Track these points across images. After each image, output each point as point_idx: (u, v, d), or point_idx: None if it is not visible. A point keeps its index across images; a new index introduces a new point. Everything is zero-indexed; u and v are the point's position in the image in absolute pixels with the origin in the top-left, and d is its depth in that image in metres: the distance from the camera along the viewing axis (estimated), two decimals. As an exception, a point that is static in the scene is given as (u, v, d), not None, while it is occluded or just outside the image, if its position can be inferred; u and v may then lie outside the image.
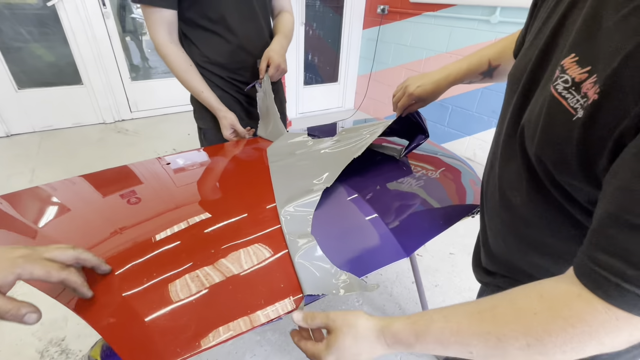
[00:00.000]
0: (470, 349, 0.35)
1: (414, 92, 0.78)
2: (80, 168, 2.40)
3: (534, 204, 0.43)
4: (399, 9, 3.03)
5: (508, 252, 0.53)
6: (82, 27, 2.71)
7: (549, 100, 0.36)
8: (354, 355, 0.42)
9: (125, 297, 0.47)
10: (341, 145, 0.89)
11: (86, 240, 0.58)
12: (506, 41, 0.68)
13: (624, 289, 0.28)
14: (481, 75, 0.73)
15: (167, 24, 0.94)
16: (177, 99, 3.48)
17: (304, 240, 0.60)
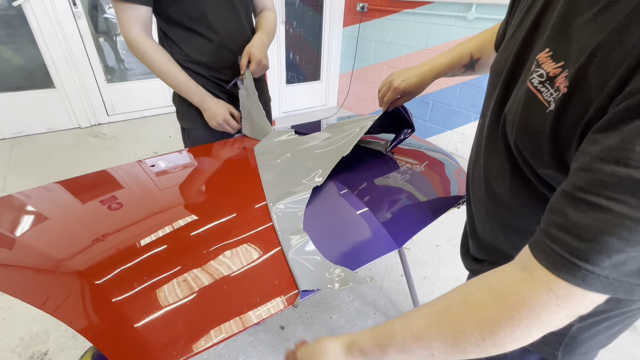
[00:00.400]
0: (432, 351, 0.36)
1: (399, 86, 0.80)
2: (56, 175, 2.30)
3: (517, 193, 0.44)
4: (378, 7, 3.06)
5: (494, 239, 0.54)
6: (52, 28, 2.60)
7: (525, 93, 0.37)
8: None
9: (115, 303, 0.46)
10: (330, 143, 0.90)
11: (73, 246, 0.56)
12: (487, 34, 0.70)
13: (569, 261, 0.29)
14: (463, 68, 0.75)
15: (142, 20, 0.90)
16: (156, 101, 3.39)
17: (296, 236, 0.60)
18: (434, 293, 1.58)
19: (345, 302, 1.51)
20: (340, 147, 0.84)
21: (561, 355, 0.51)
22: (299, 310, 1.45)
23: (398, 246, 0.66)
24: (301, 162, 0.84)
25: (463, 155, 2.85)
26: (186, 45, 0.99)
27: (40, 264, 0.55)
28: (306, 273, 0.55)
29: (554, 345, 0.51)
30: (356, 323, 1.41)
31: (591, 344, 0.50)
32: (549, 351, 0.51)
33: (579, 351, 0.51)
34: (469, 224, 0.62)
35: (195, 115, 1.09)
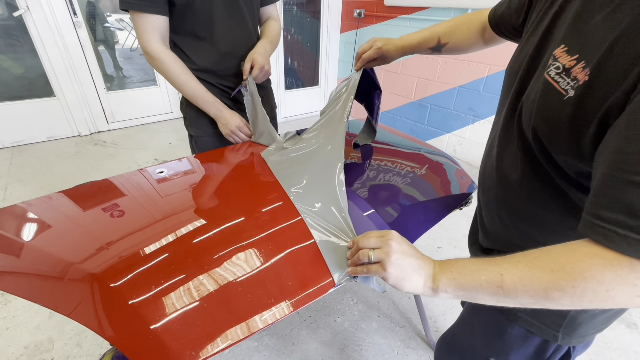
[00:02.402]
0: (521, 300, 0.40)
1: (382, 47, 0.84)
2: (56, 183, 2.31)
3: (528, 179, 0.48)
4: (374, 13, 3.10)
5: (502, 227, 0.57)
6: (52, 37, 2.62)
7: (543, 84, 0.42)
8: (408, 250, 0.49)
9: (133, 305, 0.47)
10: (329, 126, 0.90)
11: (88, 249, 0.57)
12: (457, 21, 0.76)
13: (629, 238, 0.32)
14: (430, 50, 0.81)
15: (160, 31, 0.92)
16: (156, 108, 3.41)
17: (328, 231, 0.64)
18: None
19: (349, 305, 1.51)
20: (337, 124, 0.86)
21: (562, 336, 0.54)
22: (303, 314, 1.46)
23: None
24: (316, 162, 0.85)
25: (461, 158, 2.87)
26: (193, 53, 1.02)
27: (55, 268, 0.56)
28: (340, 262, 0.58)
29: (555, 327, 0.54)
30: (360, 326, 1.42)
31: (589, 327, 0.54)
32: (551, 333, 0.55)
33: (578, 333, 0.54)
34: (479, 216, 0.65)
35: (203, 123, 1.11)
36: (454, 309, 1.52)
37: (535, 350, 0.58)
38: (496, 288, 0.40)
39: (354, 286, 1.61)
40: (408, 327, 1.42)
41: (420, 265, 0.47)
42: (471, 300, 0.44)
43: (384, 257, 0.48)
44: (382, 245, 0.49)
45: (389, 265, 0.47)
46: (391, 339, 1.36)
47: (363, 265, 0.51)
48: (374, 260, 0.49)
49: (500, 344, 0.62)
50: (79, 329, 1.34)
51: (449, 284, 0.44)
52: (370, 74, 0.97)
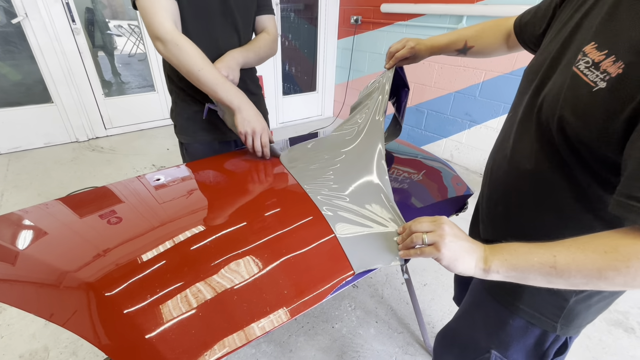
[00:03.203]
0: (572, 280, 0.43)
1: (415, 47, 0.88)
2: (53, 190, 2.30)
3: (541, 170, 0.52)
4: (371, 19, 3.14)
5: (503, 218, 0.61)
6: (51, 44, 2.63)
7: (571, 77, 0.45)
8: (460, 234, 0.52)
9: (128, 314, 0.47)
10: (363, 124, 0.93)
11: (82, 258, 0.57)
12: (484, 26, 0.80)
13: None
14: (456, 52, 0.85)
15: (171, 13, 0.85)
16: (154, 114, 3.42)
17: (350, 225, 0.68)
18: (435, 300, 1.58)
19: (347, 311, 1.51)
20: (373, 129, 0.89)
21: (560, 327, 0.58)
22: (300, 321, 1.45)
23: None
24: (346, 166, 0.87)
25: (458, 163, 2.89)
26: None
27: (49, 277, 0.55)
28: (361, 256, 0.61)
29: (554, 318, 0.57)
30: (358, 332, 1.41)
31: (584, 317, 0.58)
32: (550, 324, 0.58)
33: (575, 323, 0.58)
34: (482, 209, 0.69)
35: (194, 130, 1.09)
36: (451, 314, 1.51)
37: (535, 341, 0.61)
38: (549, 269, 0.43)
39: (351, 292, 1.61)
40: (406, 333, 1.42)
41: (472, 247, 0.50)
42: (520, 281, 0.47)
43: (438, 240, 0.51)
44: (435, 229, 0.52)
45: (443, 246, 0.50)
46: (389, 345, 1.36)
47: (415, 248, 0.55)
48: (428, 243, 0.52)
49: (502, 335, 0.65)
50: (75, 337, 1.32)
51: (501, 265, 0.47)
52: (399, 73, 0.99)
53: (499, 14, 2.21)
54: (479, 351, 0.70)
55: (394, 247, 0.64)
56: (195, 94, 1.05)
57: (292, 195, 0.81)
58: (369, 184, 0.80)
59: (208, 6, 0.94)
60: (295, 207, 0.75)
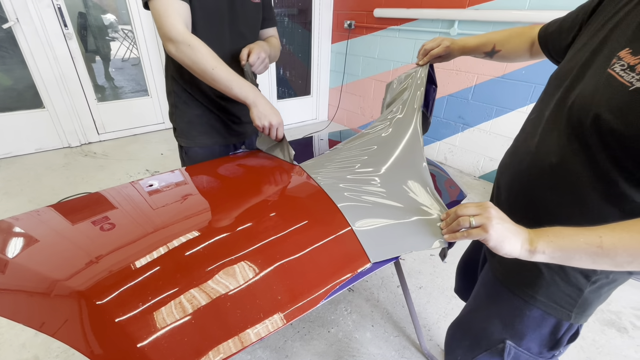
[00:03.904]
0: (618, 260, 0.47)
1: (450, 46, 0.92)
2: (45, 196, 2.27)
3: (566, 162, 0.55)
4: (365, 24, 3.16)
5: (527, 208, 0.63)
6: (43, 49, 2.61)
7: (605, 78, 0.49)
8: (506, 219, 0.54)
9: (119, 323, 0.46)
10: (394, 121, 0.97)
11: (73, 266, 0.56)
12: (512, 32, 0.84)
13: None
14: (484, 54, 0.90)
15: (183, 16, 0.87)
16: (147, 119, 3.40)
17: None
18: (430, 303, 1.59)
19: (342, 315, 1.50)
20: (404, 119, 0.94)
21: (574, 316, 0.62)
22: (296, 326, 1.44)
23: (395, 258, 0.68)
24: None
25: (452, 165, 2.91)
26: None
27: (39, 286, 0.55)
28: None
29: (569, 307, 0.61)
30: (354, 336, 1.41)
31: (594, 305, 0.62)
32: (565, 313, 0.62)
33: (587, 312, 0.62)
34: (501, 201, 0.71)
35: (194, 134, 1.10)
36: (447, 316, 1.52)
37: (551, 330, 0.65)
38: (595, 248, 0.46)
39: (347, 295, 1.60)
40: (402, 336, 1.42)
41: (517, 230, 0.53)
42: (564, 262, 0.50)
43: (486, 222, 0.53)
44: (482, 212, 0.55)
45: (490, 228, 0.52)
46: (385, 349, 1.36)
47: (462, 231, 0.58)
48: (475, 225, 0.55)
49: (517, 326, 0.68)
50: (66, 347, 1.30)
51: (547, 246, 0.50)
52: (431, 70, 1.02)
53: (489, 19, 2.25)
54: (492, 342, 0.72)
55: (435, 231, 0.68)
56: (199, 97, 1.06)
57: (294, 196, 0.81)
58: (409, 173, 0.85)
59: (218, 13, 0.97)
60: (294, 209, 0.75)
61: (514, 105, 2.35)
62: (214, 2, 0.95)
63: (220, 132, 1.13)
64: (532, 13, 2.07)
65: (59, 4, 2.58)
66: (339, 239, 0.68)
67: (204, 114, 1.09)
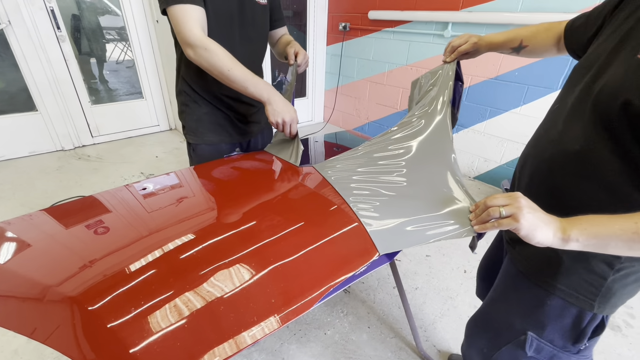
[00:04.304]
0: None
1: (478, 42, 0.93)
2: (38, 200, 2.24)
3: (590, 149, 0.56)
4: (359, 26, 3.18)
5: (548, 196, 0.63)
6: (35, 51, 2.58)
7: (636, 65, 0.50)
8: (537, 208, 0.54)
9: (112, 328, 0.46)
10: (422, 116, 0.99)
11: (64, 271, 0.56)
12: (539, 27, 0.84)
13: None
14: (510, 50, 0.90)
15: (200, 21, 0.91)
16: (142, 121, 3.38)
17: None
18: (426, 304, 1.59)
19: (339, 317, 1.50)
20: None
21: (597, 305, 0.60)
22: (292, 328, 1.44)
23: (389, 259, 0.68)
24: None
25: (448, 166, 2.92)
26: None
27: (31, 292, 0.54)
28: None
29: (592, 297, 0.60)
30: (351, 338, 1.41)
31: (620, 296, 0.61)
32: (587, 302, 0.61)
33: (612, 302, 0.61)
34: (519, 187, 0.72)
35: (202, 131, 1.14)
36: (443, 317, 1.52)
37: (573, 320, 0.64)
38: (632, 234, 0.47)
39: (343, 297, 1.60)
40: (398, 337, 1.42)
41: (549, 219, 0.53)
42: (599, 250, 0.50)
43: (516, 211, 0.53)
44: (512, 202, 0.55)
45: (521, 217, 0.52)
46: (382, 351, 1.36)
47: (492, 222, 0.58)
48: (505, 215, 0.55)
49: (538, 316, 0.67)
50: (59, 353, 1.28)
51: (581, 234, 0.50)
52: (458, 68, 1.03)
53: (482, 21, 2.27)
54: (514, 333, 0.72)
55: (464, 222, 0.69)
56: (207, 96, 1.11)
57: (292, 197, 0.81)
58: (439, 165, 0.86)
59: (229, 16, 1.01)
60: (291, 210, 0.75)
61: (507, 106, 2.37)
62: (225, 6, 0.99)
63: (227, 130, 1.17)
64: (524, 15, 2.09)
65: (52, 6, 2.57)
66: (345, 235, 0.69)
67: (212, 112, 1.14)
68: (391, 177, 0.85)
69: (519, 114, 2.32)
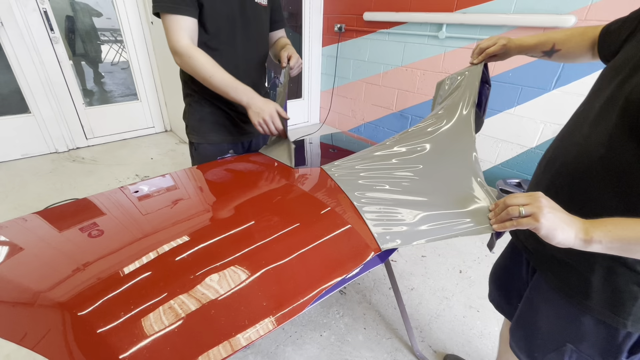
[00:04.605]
0: None
1: (507, 44, 0.90)
2: (31, 203, 2.22)
3: (616, 153, 0.55)
4: (354, 27, 3.18)
5: (570, 200, 0.61)
6: (28, 53, 2.56)
7: None
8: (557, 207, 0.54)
9: (101, 334, 0.45)
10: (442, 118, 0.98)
11: (54, 277, 0.55)
12: (573, 32, 0.83)
13: None
14: (542, 53, 0.88)
15: (189, 31, 0.96)
16: (137, 123, 3.36)
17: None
18: (422, 304, 1.60)
19: (335, 319, 1.50)
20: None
21: (631, 324, 0.60)
22: (288, 330, 1.44)
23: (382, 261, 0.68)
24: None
25: (443, 167, 2.93)
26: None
27: (21, 297, 0.53)
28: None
29: (624, 315, 0.60)
30: (347, 340, 1.40)
31: None
32: (620, 321, 0.60)
33: None
34: (538, 187, 0.71)
35: (204, 131, 1.16)
36: (439, 317, 1.53)
37: (607, 337, 0.63)
38: None
39: (339, 298, 1.60)
40: (394, 338, 1.42)
41: (570, 219, 0.52)
42: (622, 253, 0.50)
43: (536, 211, 0.53)
44: (532, 202, 0.55)
45: (541, 217, 0.52)
46: (378, 352, 1.36)
47: (511, 221, 0.58)
48: (525, 214, 0.55)
49: (574, 331, 0.67)
50: (53, 356, 1.27)
51: (605, 235, 0.49)
52: (485, 70, 1.01)
53: (476, 22, 2.28)
54: (556, 343, 0.72)
55: (481, 221, 0.69)
56: (209, 97, 1.13)
57: (286, 199, 0.81)
58: (459, 164, 0.86)
59: (231, 18, 1.04)
60: (287, 212, 0.75)
61: (501, 107, 2.38)
62: (227, 8, 1.02)
63: (229, 129, 1.19)
64: (517, 17, 2.11)
65: (45, 7, 2.55)
66: (338, 237, 0.69)
67: (215, 111, 1.16)
68: (404, 173, 0.86)
69: (513, 114, 2.34)
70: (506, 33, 2.20)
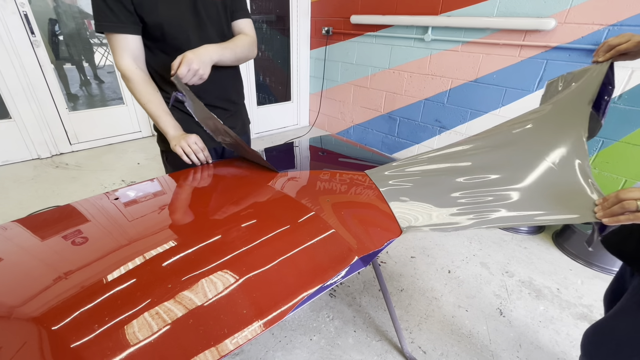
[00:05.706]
0: None
1: None
2: (12, 210, 2.16)
3: None
4: (342, 30, 3.20)
5: None
6: (8, 57, 2.50)
7: None
8: None
9: (74, 348, 0.44)
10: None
11: (27, 290, 0.53)
12: None
13: None
14: None
15: (131, 50, 0.96)
16: (123, 127, 3.31)
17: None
18: (412, 305, 1.60)
19: (325, 322, 1.49)
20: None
21: None
22: (277, 335, 1.42)
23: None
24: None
25: (431, 168, 2.96)
26: (160, 66, 1.04)
27: (-9, 313, 0.52)
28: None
29: None
30: (337, 343, 1.40)
31: None
32: None
33: None
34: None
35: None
36: (429, 318, 1.54)
37: None
38: None
39: (329, 301, 1.60)
40: (384, 340, 1.42)
41: None
42: None
43: None
44: None
45: None
46: (367, 354, 1.36)
47: (626, 215, 0.57)
48: None
49: None
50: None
51: None
52: (612, 69, 0.91)
53: (461, 25, 2.32)
54: (638, 350, 0.72)
55: (581, 212, 0.69)
56: (178, 105, 1.09)
57: (272, 202, 0.80)
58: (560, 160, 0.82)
59: (183, 21, 1.00)
60: (272, 215, 0.74)
61: (487, 108, 2.42)
62: (176, 11, 0.98)
63: (200, 135, 1.13)
64: (500, 20, 2.15)
65: (25, 10, 2.49)
66: (321, 242, 0.68)
67: (184, 118, 1.11)
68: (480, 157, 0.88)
69: (499, 115, 2.38)
70: (489, 36, 2.24)
